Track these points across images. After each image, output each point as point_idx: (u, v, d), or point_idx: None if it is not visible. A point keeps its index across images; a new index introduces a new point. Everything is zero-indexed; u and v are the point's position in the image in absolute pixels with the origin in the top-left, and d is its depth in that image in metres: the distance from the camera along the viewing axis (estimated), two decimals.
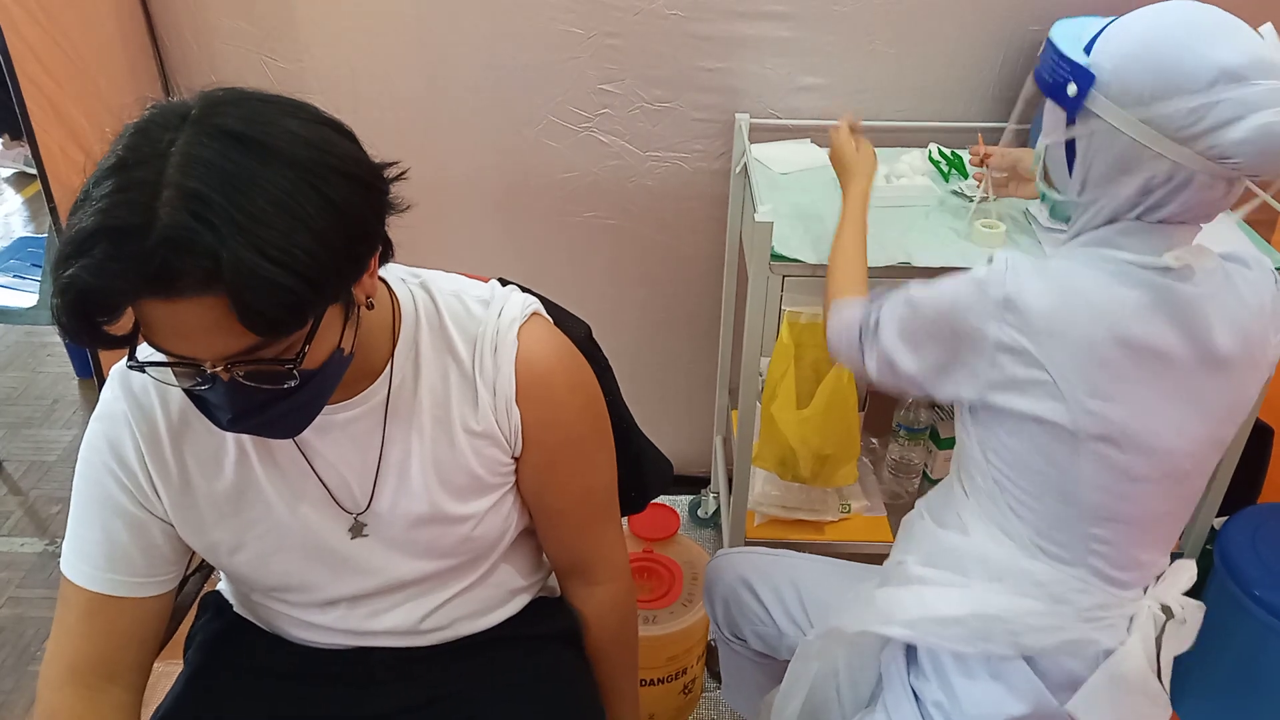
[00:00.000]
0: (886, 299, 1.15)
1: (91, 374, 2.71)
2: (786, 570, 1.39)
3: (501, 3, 1.77)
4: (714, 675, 1.89)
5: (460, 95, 1.86)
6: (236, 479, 0.98)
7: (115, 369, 0.97)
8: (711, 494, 2.27)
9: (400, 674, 1.10)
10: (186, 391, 0.83)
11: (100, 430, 0.96)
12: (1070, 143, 1.01)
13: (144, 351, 0.80)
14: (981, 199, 1.56)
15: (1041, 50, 1.05)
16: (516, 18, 1.78)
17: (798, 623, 1.34)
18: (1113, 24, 0.97)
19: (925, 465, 1.93)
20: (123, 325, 0.75)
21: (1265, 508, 1.77)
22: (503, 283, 1.08)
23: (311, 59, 1.84)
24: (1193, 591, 1.13)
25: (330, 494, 1.00)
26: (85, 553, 0.97)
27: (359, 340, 0.89)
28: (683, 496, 2.33)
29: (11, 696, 1.91)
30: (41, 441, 2.63)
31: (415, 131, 1.90)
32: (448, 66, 1.84)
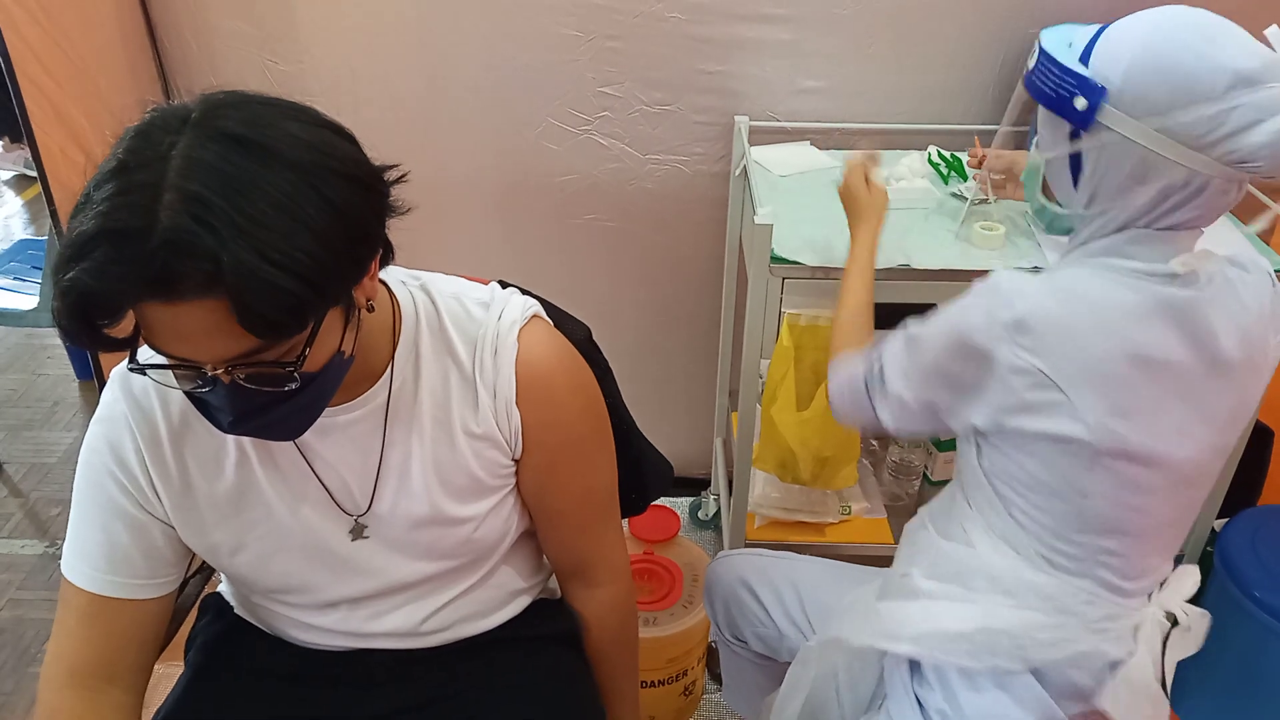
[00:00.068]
0: (885, 344, 1.13)
1: (92, 376, 2.72)
2: (787, 572, 1.39)
3: (502, 5, 1.77)
4: (714, 677, 1.89)
5: (460, 97, 1.86)
6: (237, 480, 0.98)
7: (115, 371, 0.97)
8: (712, 496, 2.26)
9: (401, 675, 1.10)
10: (187, 394, 0.83)
11: (101, 432, 0.97)
12: (1074, 156, 0.99)
13: (145, 354, 0.80)
14: (980, 200, 1.56)
15: (1033, 60, 1.01)
16: (516, 20, 1.78)
17: (798, 625, 1.34)
18: (1108, 32, 0.95)
19: (925, 467, 1.93)
20: (123, 328, 0.76)
21: (1265, 509, 1.76)
22: (503, 285, 1.08)
23: (312, 60, 1.84)
24: (1194, 593, 1.13)
25: (331, 496, 1.00)
26: (86, 554, 0.97)
27: (360, 343, 0.89)
28: (683, 498, 2.33)
29: (12, 698, 1.91)
30: (42, 443, 2.63)
31: (415, 133, 1.90)
32: (448, 68, 1.84)
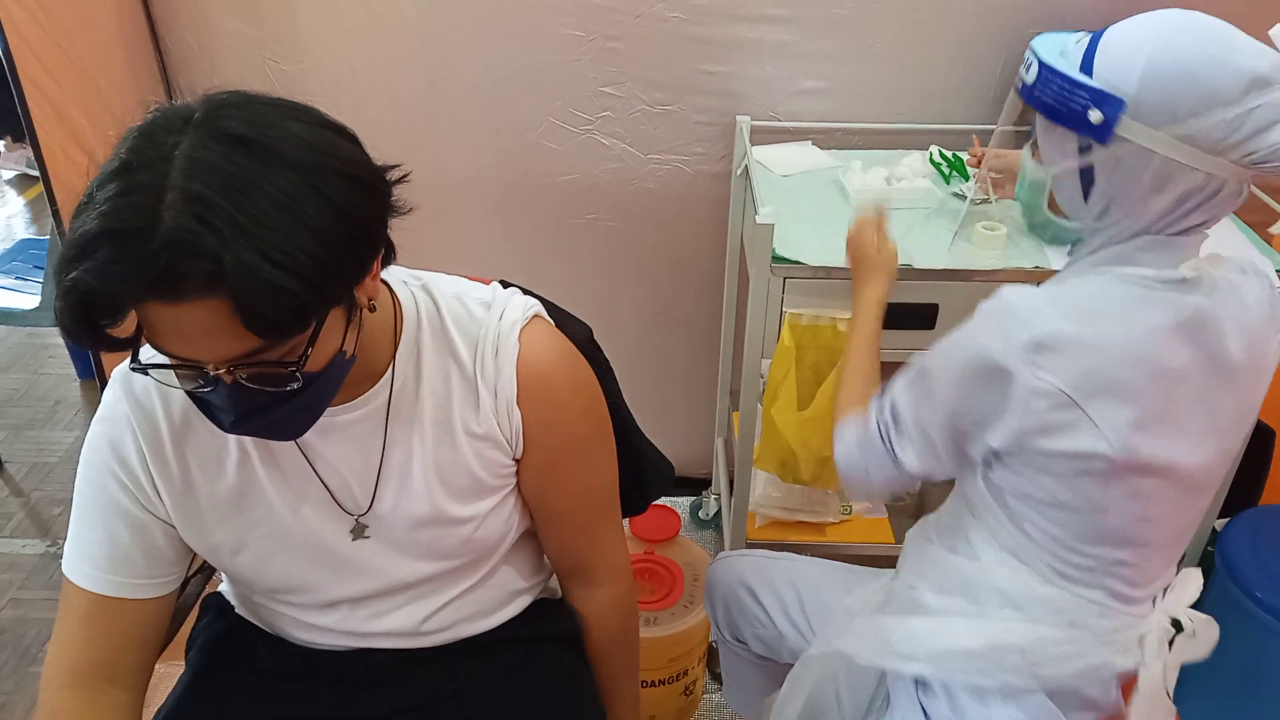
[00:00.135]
0: (892, 388, 1.10)
1: (93, 376, 2.72)
2: (787, 573, 1.38)
3: (502, 5, 1.77)
4: (715, 677, 1.89)
5: (460, 97, 1.86)
6: (238, 480, 0.98)
7: (117, 371, 0.97)
8: (712, 495, 2.27)
9: (401, 675, 1.10)
10: (189, 394, 0.83)
11: (102, 432, 0.97)
12: (1084, 168, 0.96)
13: (147, 353, 0.80)
14: (981, 200, 1.56)
15: (1028, 71, 0.97)
16: (517, 20, 1.78)
17: (798, 626, 1.34)
18: (1106, 39, 0.93)
19: None
20: (125, 327, 0.76)
21: (1266, 509, 1.76)
22: (504, 285, 1.08)
23: (312, 60, 1.84)
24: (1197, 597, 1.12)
25: (332, 495, 1.00)
26: (87, 554, 0.97)
27: (361, 342, 0.89)
28: (684, 498, 2.33)
29: (13, 698, 1.91)
30: (43, 443, 2.63)
31: (415, 133, 1.90)
32: (448, 68, 1.84)
